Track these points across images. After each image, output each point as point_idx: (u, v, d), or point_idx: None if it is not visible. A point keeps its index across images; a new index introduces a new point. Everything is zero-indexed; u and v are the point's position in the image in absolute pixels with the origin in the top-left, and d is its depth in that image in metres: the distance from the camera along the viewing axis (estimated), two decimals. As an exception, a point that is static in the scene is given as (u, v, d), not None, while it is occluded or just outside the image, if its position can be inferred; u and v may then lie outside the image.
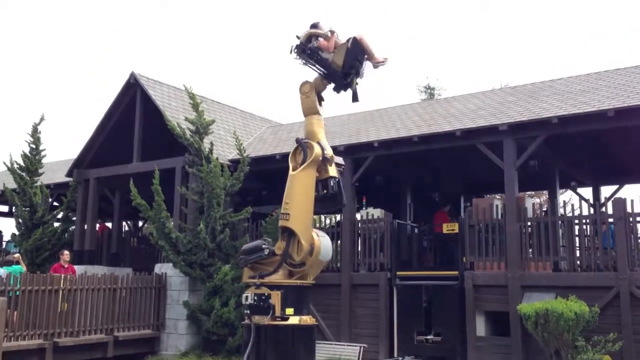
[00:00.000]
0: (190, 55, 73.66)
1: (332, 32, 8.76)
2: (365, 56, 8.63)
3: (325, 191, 8.66)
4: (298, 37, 8.85)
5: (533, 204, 12.92)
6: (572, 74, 15.72)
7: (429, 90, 37.97)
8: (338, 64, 8.58)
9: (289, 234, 8.43)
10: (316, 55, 8.66)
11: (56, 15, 70.42)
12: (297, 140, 8.79)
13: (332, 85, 8.84)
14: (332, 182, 8.66)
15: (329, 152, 8.69)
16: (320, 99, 8.94)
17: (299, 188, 8.49)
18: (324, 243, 8.55)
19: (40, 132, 17.46)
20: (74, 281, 12.34)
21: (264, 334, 8.12)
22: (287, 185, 8.61)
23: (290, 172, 8.62)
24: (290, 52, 8.76)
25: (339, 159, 9.27)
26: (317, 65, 8.74)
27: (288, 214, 8.42)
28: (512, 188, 12.12)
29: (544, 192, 24.43)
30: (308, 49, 8.67)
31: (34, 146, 17.35)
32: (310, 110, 8.85)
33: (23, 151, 17.20)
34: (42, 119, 17.50)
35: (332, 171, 8.71)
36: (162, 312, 14.10)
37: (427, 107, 16.69)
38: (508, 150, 12.20)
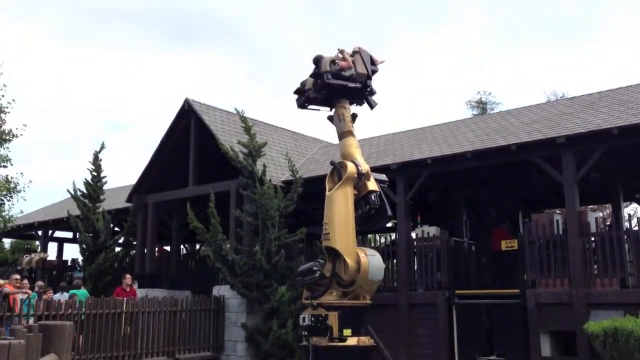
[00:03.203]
0: (240, 79, 75.21)
1: (341, 50, 9.27)
2: (370, 60, 9.32)
3: (368, 206, 8.72)
4: (303, 85, 9.43)
5: (596, 218, 12.48)
6: (630, 83, 15.20)
7: (481, 105, 37.45)
8: (363, 73, 9.19)
9: (335, 254, 8.45)
10: (341, 76, 9.04)
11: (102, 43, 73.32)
12: (332, 162, 9.04)
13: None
14: (373, 196, 8.73)
15: (364, 167, 8.82)
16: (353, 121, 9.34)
17: (337, 207, 8.60)
18: (372, 262, 8.49)
19: (101, 160, 18.07)
20: (136, 304, 12.64)
21: (322, 356, 8.08)
22: (325, 206, 8.75)
23: (327, 192, 8.79)
24: (325, 85, 9.05)
25: (382, 176, 9.39)
26: (348, 84, 9.10)
27: (329, 233, 8.51)
28: (572, 202, 11.75)
29: (607, 205, 23.58)
30: (333, 74, 9.01)
31: (95, 174, 17.94)
32: (348, 134, 9.19)
33: (85, 179, 17.82)
34: (102, 147, 18.10)
35: (372, 185, 8.80)
36: (221, 334, 14.24)
37: (480, 122, 16.44)
38: (567, 163, 11.85)
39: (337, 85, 9.03)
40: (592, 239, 11.66)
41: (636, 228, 11.54)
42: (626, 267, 11.34)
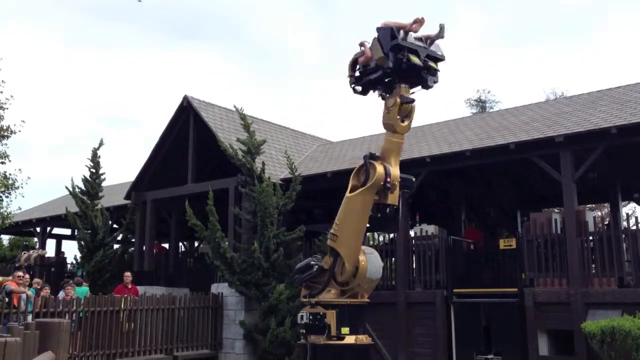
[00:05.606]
0: (241, 76, 75.16)
1: (361, 44, 8.29)
2: (401, 30, 7.78)
3: (379, 215, 8.22)
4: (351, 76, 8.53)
5: (594, 218, 12.48)
6: (630, 82, 15.20)
7: (480, 104, 37.43)
8: (380, 56, 7.84)
9: (336, 255, 8.36)
10: (367, 72, 8.18)
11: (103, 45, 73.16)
12: (365, 157, 8.20)
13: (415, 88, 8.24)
14: (388, 209, 8.16)
15: (394, 176, 7.96)
16: (408, 116, 8.14)
17: (352, 212, 8.16)
18: (371, 261, 8.39)
19: (99, 157, 18.05)
20: (134, 302, 12.64)
21: (320, 354, 8.09)
22: (341, 206, 8.31)
23: (347, 193, 8.22)
24: (354, 91, 8.49)
25: (410, 178, 8.60)
26: (375, 78, 8.13)
27: (336, 235, 8.25)
28: (571, 201, 11.74)
29: (606, 204, 23.61)
30: (359, 75, 8.32)
31: (94, 170, 17.92)
32: (387, 127, 8.18)
33: (84, 175, 17.80)
34: (101, 144, 18.08)
35: (392, 199, 8.08)
36: (219, 331, 14.25)
37: (479, 121, 16.43)
38: (565, 162, 11.84)
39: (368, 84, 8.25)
40: (590, 238, 11.66)
41: (634, 227, 11.51)
42: (624, 267, 11.35)
